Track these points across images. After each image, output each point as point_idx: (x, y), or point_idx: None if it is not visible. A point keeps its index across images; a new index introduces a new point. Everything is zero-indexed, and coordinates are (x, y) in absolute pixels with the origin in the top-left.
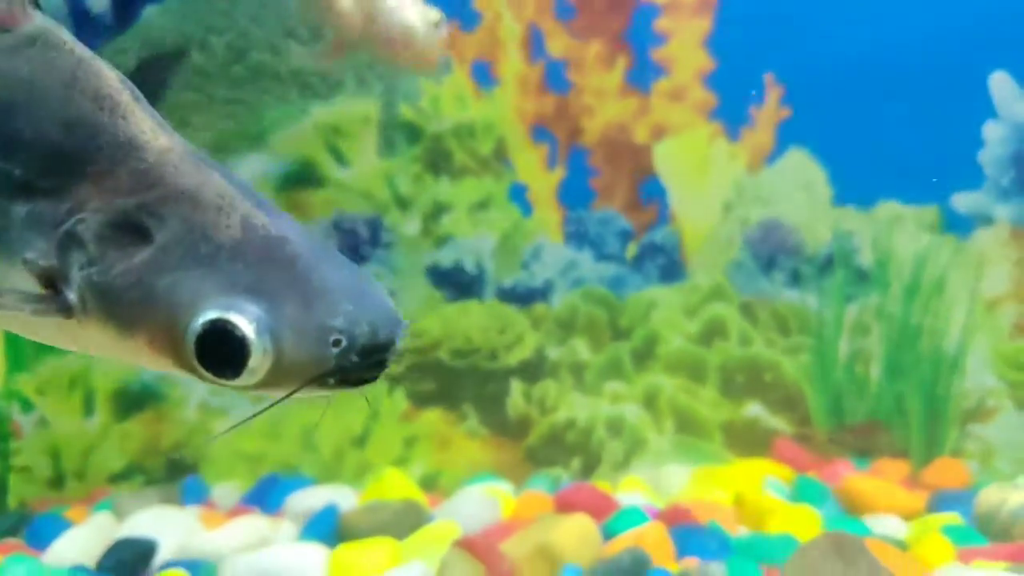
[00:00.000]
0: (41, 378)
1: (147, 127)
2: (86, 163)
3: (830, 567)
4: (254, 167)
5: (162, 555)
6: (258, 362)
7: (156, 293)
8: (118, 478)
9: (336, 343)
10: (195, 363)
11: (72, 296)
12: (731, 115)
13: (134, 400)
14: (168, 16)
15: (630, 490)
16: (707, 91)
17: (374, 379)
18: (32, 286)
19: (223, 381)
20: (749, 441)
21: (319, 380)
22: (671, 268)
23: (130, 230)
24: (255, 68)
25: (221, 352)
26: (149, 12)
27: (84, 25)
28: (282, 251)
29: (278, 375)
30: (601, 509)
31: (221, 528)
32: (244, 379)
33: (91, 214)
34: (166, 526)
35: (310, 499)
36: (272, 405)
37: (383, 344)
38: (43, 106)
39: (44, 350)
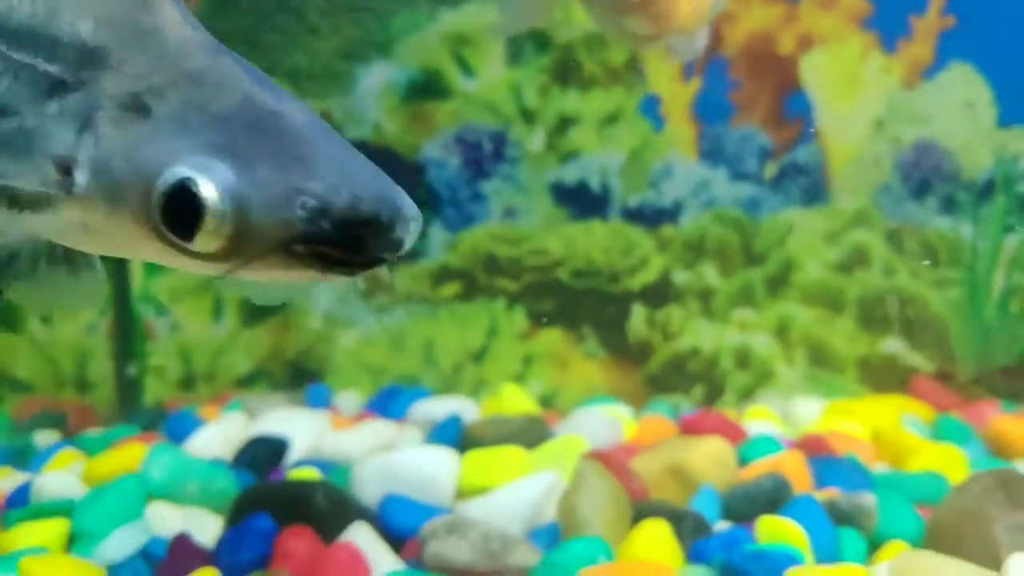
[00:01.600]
0: (174, 283)
1: (171, 20)
2: (111, 55)
3: (995, 507)
4: (379, 75)
5: (294, 454)
6: (215, 224)
7: (137, 160)
8: (245, 382)
9: (305, 206)
10: (163, 228)
11: (80, 177)
12: (887, 25)
13: (261, 308)
14: None
15: (758, 419)
16: None
17: (365, 266)
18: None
19: (187, 245)
20: (885, 378)
21: (292, 251)
22: (812, 190)
23: (134, 109)
24: None
25: (183, 213)
26: None
27: None
28: (274, 122)
29: (244, 240)
30: (730, 436)
31: (349, 430)
32: (205, 242)
33: (107, 99)
34: (296, 427)
35: (433, 408)
36: (237, 271)
37: (366, 219)
38: (80, 5)
39: None
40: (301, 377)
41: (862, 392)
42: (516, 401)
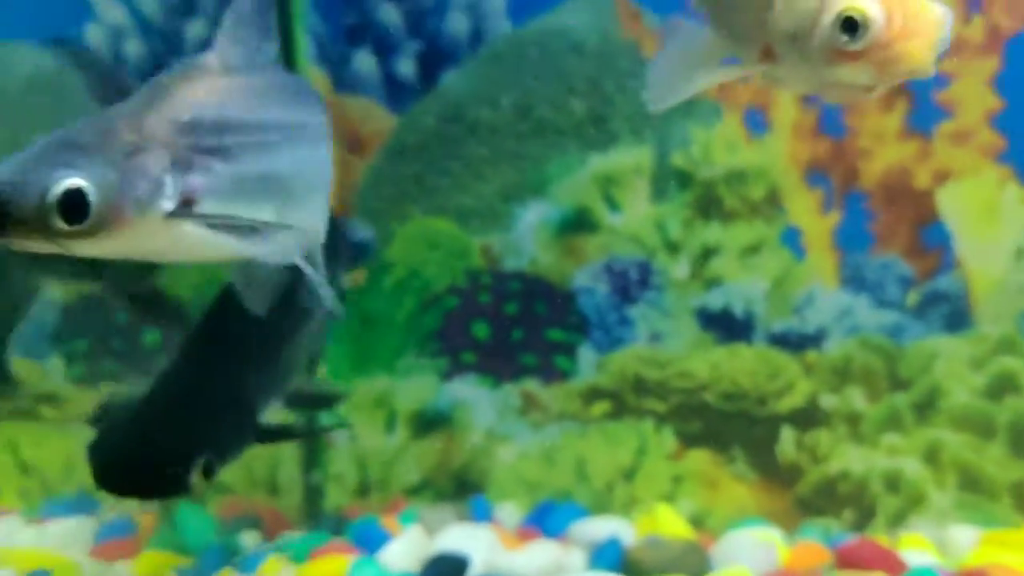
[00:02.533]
0: (353, 398)
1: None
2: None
3: None
4: (535, 213)
5: (473, 570)
6: None
7: None
8: (413, 491)
9: None
10: None
11: None
12: (1022, 157)
13: (429, 422)
14: (463, 79)
15: (913, 548)
16: (995, 133)
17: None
18: None
19: None
20: None
21: None
22: (956, 317)
23: None
24: (538, 123)
25: None
26: (447, 76)
27: (394, 89)
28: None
29: None
30: (889, 568)
31: (520, 549)
32: None
33: None
34: (472, 542)
35: (592, 528)
36: None
37: None
38: None
39: (357, 372)
40: (464, 488)
41: (1017, 520)
42: (670, 522)
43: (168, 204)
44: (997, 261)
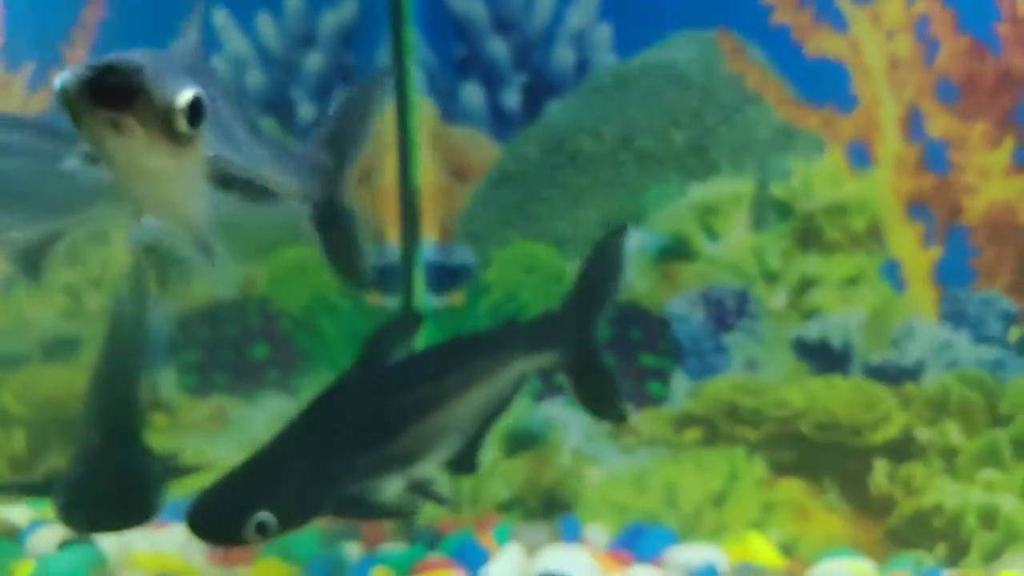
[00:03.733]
0: None
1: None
2: None
3: None
4: (633, 241)
5: None
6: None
7: None
8: (503, 507)
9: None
10: None
11: None
12: None
13: (520, 441)
14: (567, 110)
15: None
16: None
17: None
18: None
19: None
20: None
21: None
22: None
23: None
24: (639, 153)
25: None
26: (551, 106)
27: (500, 119)
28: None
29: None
30: None
31: (620, 573)
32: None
33: None
34: (572, 564)
35: (686, 555)
36: None
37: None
38: None
39: None
40: (552, 507)
41: None
42: (761, 550)
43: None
44: None
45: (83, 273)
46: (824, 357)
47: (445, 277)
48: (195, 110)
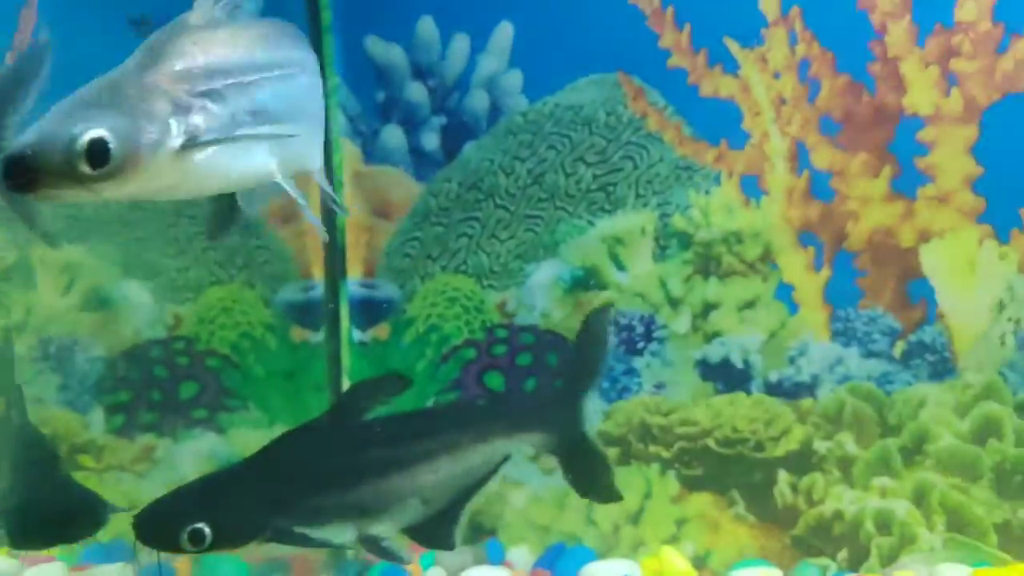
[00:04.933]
0: None
1: None
2: None
3: None
4: (548, 272)
5: None
6: None
7: None
8: None
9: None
10: None
11: None
12: (999, 218)
13: None
14: (482, 149)
15: None
16: (975, 196)
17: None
18: None
19: None
20: None
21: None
22: (941, 366)
23: None
24: (551, 189)
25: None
26: (468, 147)
27: (420, 159)
28: None
29: None
30: None
31: None
32: None
33: None
34: None
35: (601, 571)
36: None
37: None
38: None
39: None
40: (476, 532)
41: (1005, 558)
42: (675, 564)
43: (176, 142)
44: (978, 314)
45: None
46: (727, 376)
47: (370, 311)
48: (96, 150)
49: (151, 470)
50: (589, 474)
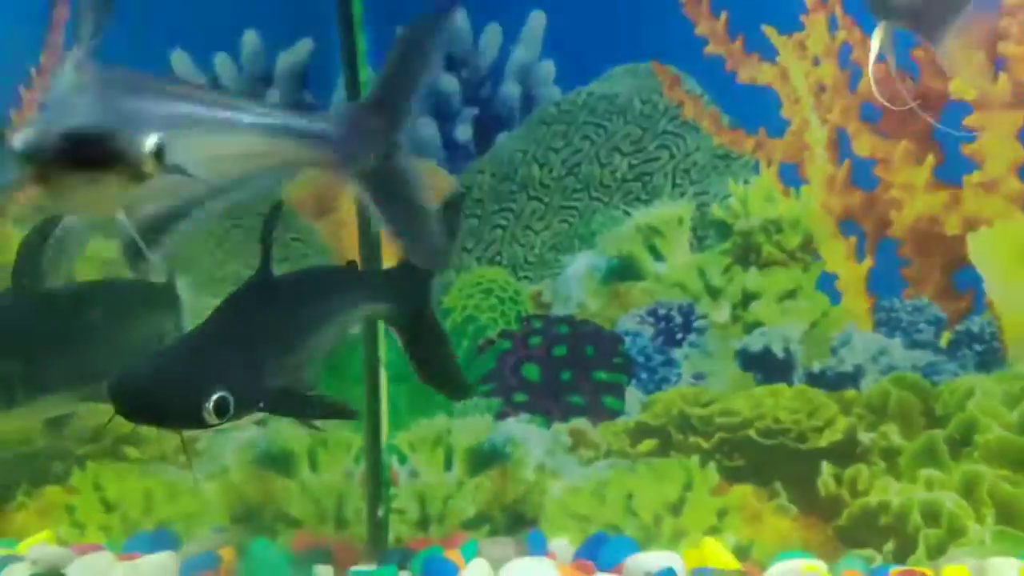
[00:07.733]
0: (413, 436)
1: None
2: None
3: None
4: (583, 262)
5: None
6: None
7: None
8: (470, 524)
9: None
10: None
11: None
12: None
13: (484, 459)
14: (515, 140)
15: None
16: (1022, 182)
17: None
18: None
19: None
20: None
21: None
22: (989, 356)
23: None
24: (586, 180)
25: None
26: (501, 138)
27: (453, 151)
28: None
29: None
30: None
31: None
32: None
33: None
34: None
35: (646, 561)
36: None
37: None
38: None
39: (416, 413)
40: (517, 522)
41: None
42: (717, 554)
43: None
44: None
45: None
46: (768, 366)
47: None
48: (161, 152)
49: (193, 461)
50: (432, 357)
